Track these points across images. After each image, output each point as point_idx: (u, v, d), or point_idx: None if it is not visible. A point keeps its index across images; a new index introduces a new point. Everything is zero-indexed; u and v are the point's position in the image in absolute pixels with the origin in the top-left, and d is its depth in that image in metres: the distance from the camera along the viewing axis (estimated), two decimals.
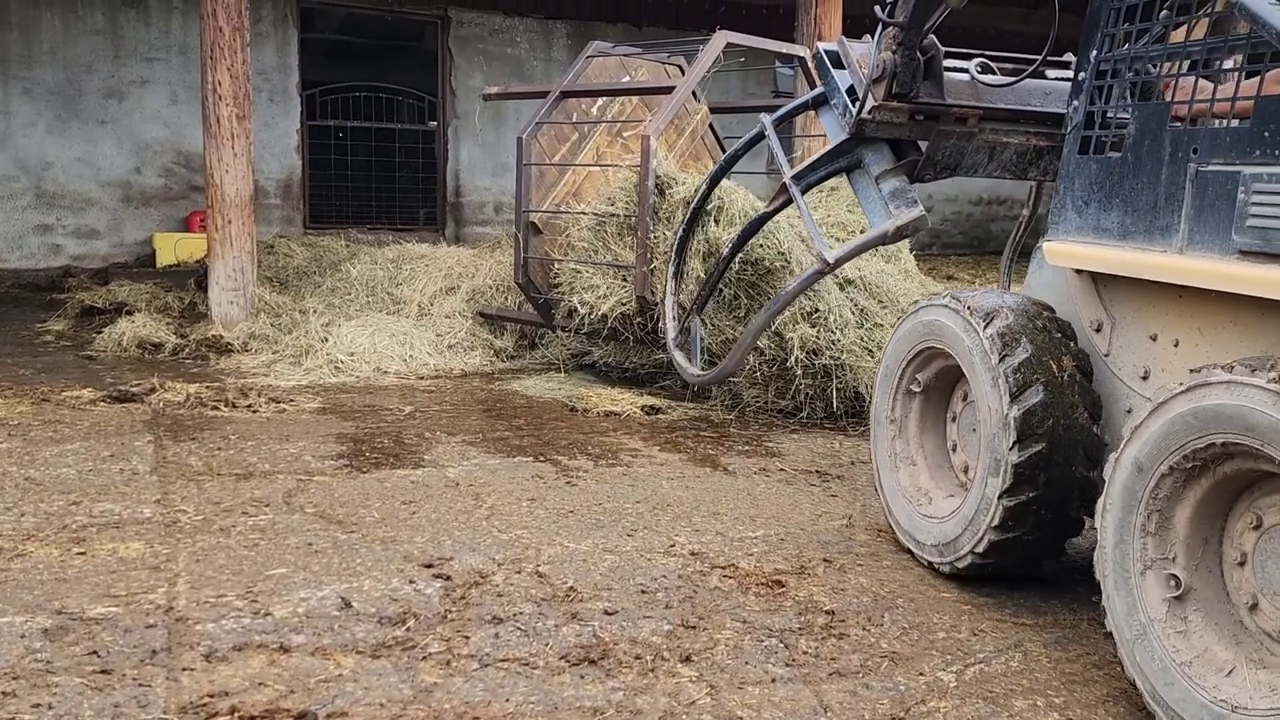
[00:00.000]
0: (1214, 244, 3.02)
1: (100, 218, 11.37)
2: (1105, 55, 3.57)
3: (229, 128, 7.81)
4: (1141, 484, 2.87)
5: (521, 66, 12.92)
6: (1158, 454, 2.83)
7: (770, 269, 6.42)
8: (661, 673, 3.04)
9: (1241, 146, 2.98)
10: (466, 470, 5.00)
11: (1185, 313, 3.30)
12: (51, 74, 11.00)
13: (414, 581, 3.61)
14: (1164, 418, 2.82)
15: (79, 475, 4.64)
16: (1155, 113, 3.33)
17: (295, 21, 11.90)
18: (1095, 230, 3.53)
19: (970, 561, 3.70)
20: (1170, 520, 2.87)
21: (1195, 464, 2.77)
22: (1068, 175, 3.70)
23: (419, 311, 8.10)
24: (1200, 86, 3.22)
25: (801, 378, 6.25)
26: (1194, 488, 2.82)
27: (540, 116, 7.57)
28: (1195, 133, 3.15)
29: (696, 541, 4.15)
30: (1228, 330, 3.15)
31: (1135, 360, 3.53)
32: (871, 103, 4.58)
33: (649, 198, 6.58)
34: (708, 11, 13.04)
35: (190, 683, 2.86)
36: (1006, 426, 3.50)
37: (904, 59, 4.47)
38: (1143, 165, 3.33)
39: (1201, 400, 2.71)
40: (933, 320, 3.96)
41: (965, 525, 3.70)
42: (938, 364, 4.07)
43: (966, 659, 3.24)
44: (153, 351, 7.53)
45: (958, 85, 4.60)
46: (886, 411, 4.29)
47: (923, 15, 4.36)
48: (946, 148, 4.72)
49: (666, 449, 5.57)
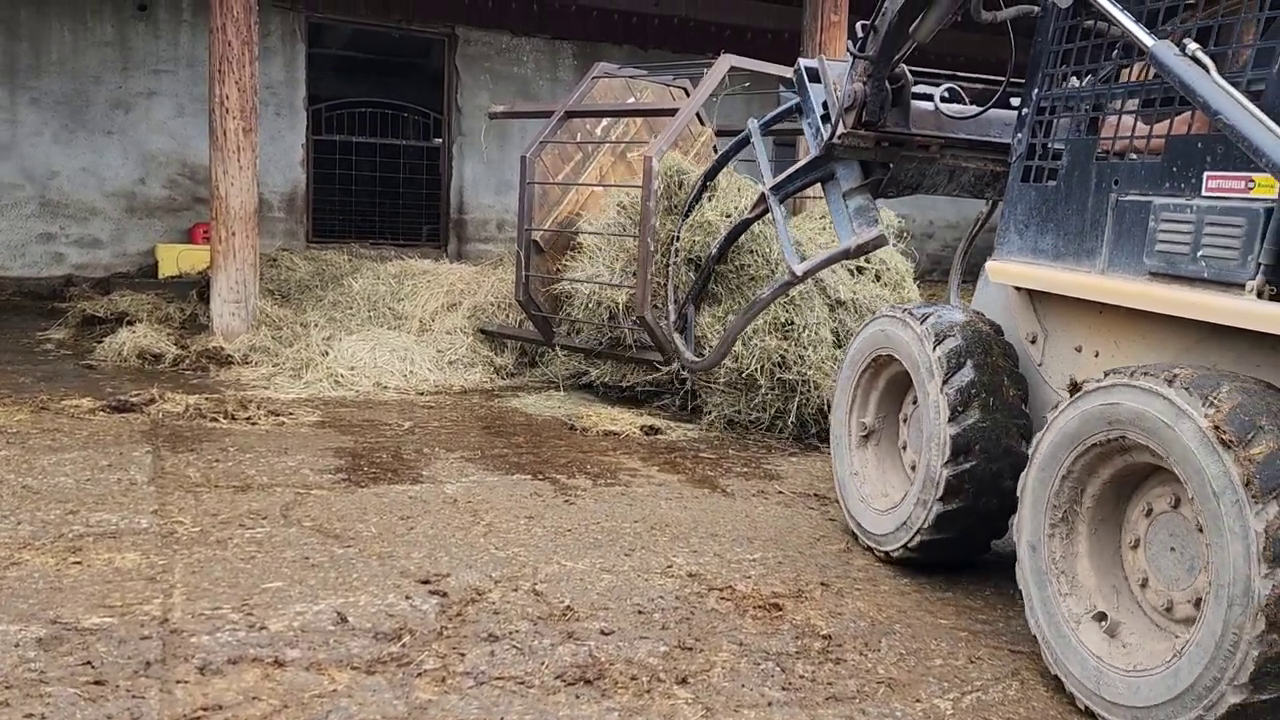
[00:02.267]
0: (1129, 266, 3.40)
1: (104, 227, 11.39)
2: (1045, 93, 3.90)
3: (235, 141, 7.84)
4: (1056, 465, 3.22)
5: (527, 86, 12.99)
6: (1070, 442, 3.17)
7: (754, 276, 6.54)
8: (657, 694, 3.02)
9: (1154, 180, 3.34)
10: (465, 487, 4.99)
11: (1105, 327, 3.65)
12: (59, 84, 11.05)
13: (410, 597, 3.60)
14: (1076, 411, 3.15)
15: (76, 484, 4.63)
16: (1084, 147, 3.69)
17: (303, 36, 11.98)
18: (1033, 251, 3.88)
19: (902, 555, 4.15)
20: (1078, 498, 3.22)
21: (1099, 454, 3.11)
22: (1011, 201, 4.06)
23: (420, 327, 8.10)
24: (1124, 124, 3.54)
25: (767, 389, 6.31)
26: (1097, 477, 3.17)
27: (544, 136, 7.61)
28: (1117, 166, 3.51)
29: (694, 562, 4.14)
30: (1139, 343, 3.50)
31: (1063, 369, 3.85)
32: (841, 129, 4.97)
33: (650, 218, 6.61)
34: (713, 35, 13.12)
35: (184, 695, 2.84)
36: (942, 441, 3.90)
37: (873, 90, 4.84)
38: (1073, 194, 3.69)
39: (1107, 399, 3.04)
40: (886, 330, 4.38)
41: (902, 522, 4.13)
42: (891, 369, 4.44)
43: (964, 687, 3.22)
44: (153, 362, 7.53)
45: (923, 114, 5.01)
46: (846, 400, 4.67)
47: (890, 50, 4.70)
48: (910, 169, 5.15)
49: (665, 469, 5.56)
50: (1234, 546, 2.62)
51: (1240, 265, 2.99)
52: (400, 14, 12.25)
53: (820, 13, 9.53)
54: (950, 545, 4.06)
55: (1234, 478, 2.64)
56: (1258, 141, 2.86)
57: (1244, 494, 2.61)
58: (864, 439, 4.62)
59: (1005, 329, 4.15)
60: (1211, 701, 2.64)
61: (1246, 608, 2.58)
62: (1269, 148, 2.83)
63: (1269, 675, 2.57)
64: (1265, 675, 2.57)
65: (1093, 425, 3.10)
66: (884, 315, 4.45)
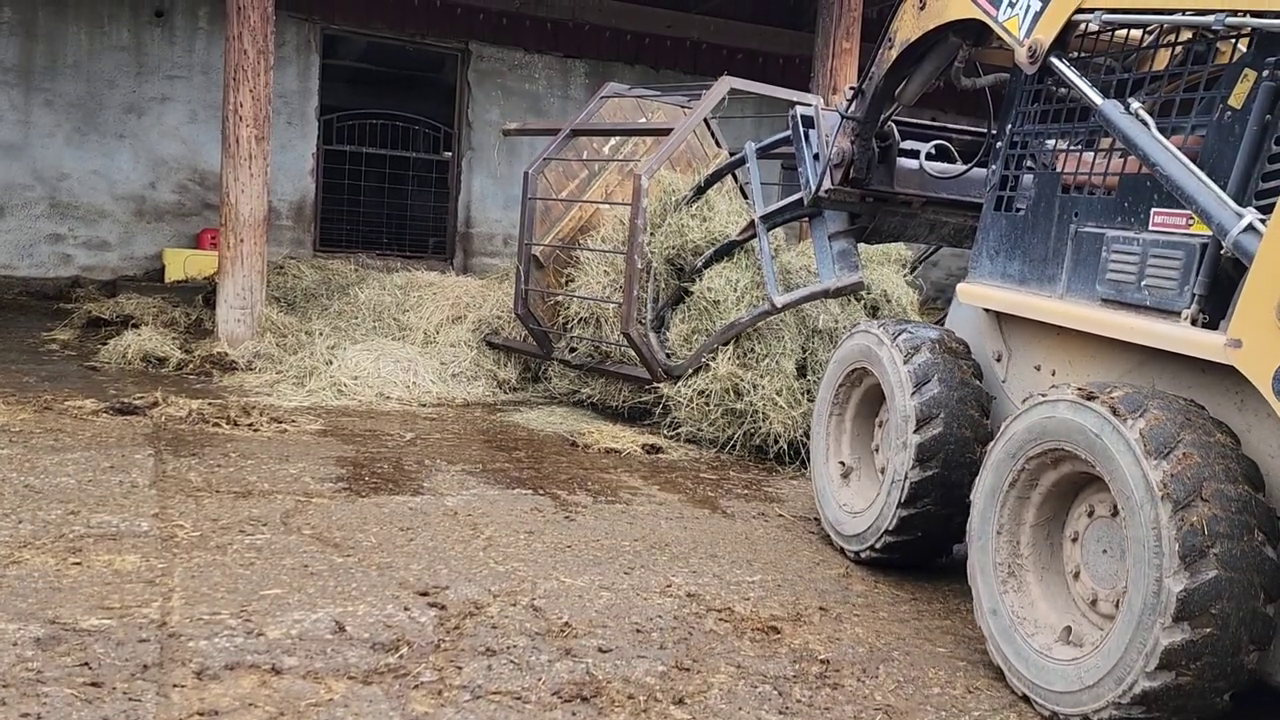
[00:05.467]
0: (1084, 292, 3.66)
1: (112, 230, 11.42)
2: (1018, 130, 4.17)
3: (248, 148, 7.88)
4: (1007, 469, 3.47)
5: (539, 103, 13.04)
6: (1020, 449, 3.42)
7: (718, 301, 6.58)
8: (654, 714, 3.02)
9: (1108, 213, 3.62)
10: (465, 500, 4.99)
11: (1061, 348, 3.90)
12: (74, 86, 11.11)
13: (409, 609, 3.60)
14: (1022, 424, 3.42)
15: (78, 485, 4.63)
16: (1049, 180, 3.95)
17: (318, 47, 12.04)
18: (1002, 276, 4.15)
19: (871, 556, 4.43)
20: (1026, 497, 3.48)
21: (1043, 461, 3.38)
22: (984, 228, 4.32)
23: (424, 339, 8.12)
24: (1084, 161, 3.83)
25: (718, 413, 6.32)
26: (1042, 481, 3.43)
27: (549, 153, 7.66)
28: (1077, 199, 3.79)
29: (693, 583, 4.13)
30: (1090, 363, 3.75)
31: (1025, 386, 4.11)
32: (828, 184, 5.29)
33: (638, 236, 6.65)
34: (725, 59, 13.19)
35: (180, 699, 2.84)
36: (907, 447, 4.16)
37: (860, 149, 5.15)
38: (1039, 224, 3.96)
39: (1049, 413, 3.30)
40: (862, 344, 4.64)
41: (872, 521, 4.39)
42: (868, 380, 4.70)
43: (961, 716, 3.21)
44: (157, 365, 7.55)
45: (907, 173, 5.28)
46: (826, 409, 4.92)
47: (876, 112, 5.04)
48: (893, 221, 5.49)
49: (666, 489, 5.56)
50: (1150, 547, 2.86)
51: (1178, 294, 3.25)
52: (415, 28, 12.32)
53: (832, 39, 9.58)
54: (913, 546, 4.33)
55: (1153, 486, 2.88)
56: (1188, 189, 3.16)
57: (1160, 501, 2.85)
58: (841, 446, 4.90)
59: (973, 347, 4.41)
60: (1129, 685, 2.89)
61: (1159, 603, 2.82)
62: (1197, 194, 3.13)
63: (1176, 663, 2.81)
64: (1173, 663, 2.81)
65: (1035, 436, 3.36)
66: (860, 330, 4.72)
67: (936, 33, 4.57)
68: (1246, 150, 3.14)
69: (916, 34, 4.65)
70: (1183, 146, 3.32)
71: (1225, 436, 3.00)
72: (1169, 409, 3.02)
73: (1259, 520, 2.85)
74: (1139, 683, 2.86)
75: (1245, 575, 2.79)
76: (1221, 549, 2.78)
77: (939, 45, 4.67)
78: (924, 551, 4.40)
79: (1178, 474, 2.85)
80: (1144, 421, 2.97)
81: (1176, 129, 3.41)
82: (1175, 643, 2.78)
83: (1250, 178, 3.13)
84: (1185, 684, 2.83)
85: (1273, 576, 2.83)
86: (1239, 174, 3.14)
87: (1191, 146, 3.34)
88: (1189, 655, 2.79)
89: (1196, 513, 2.80)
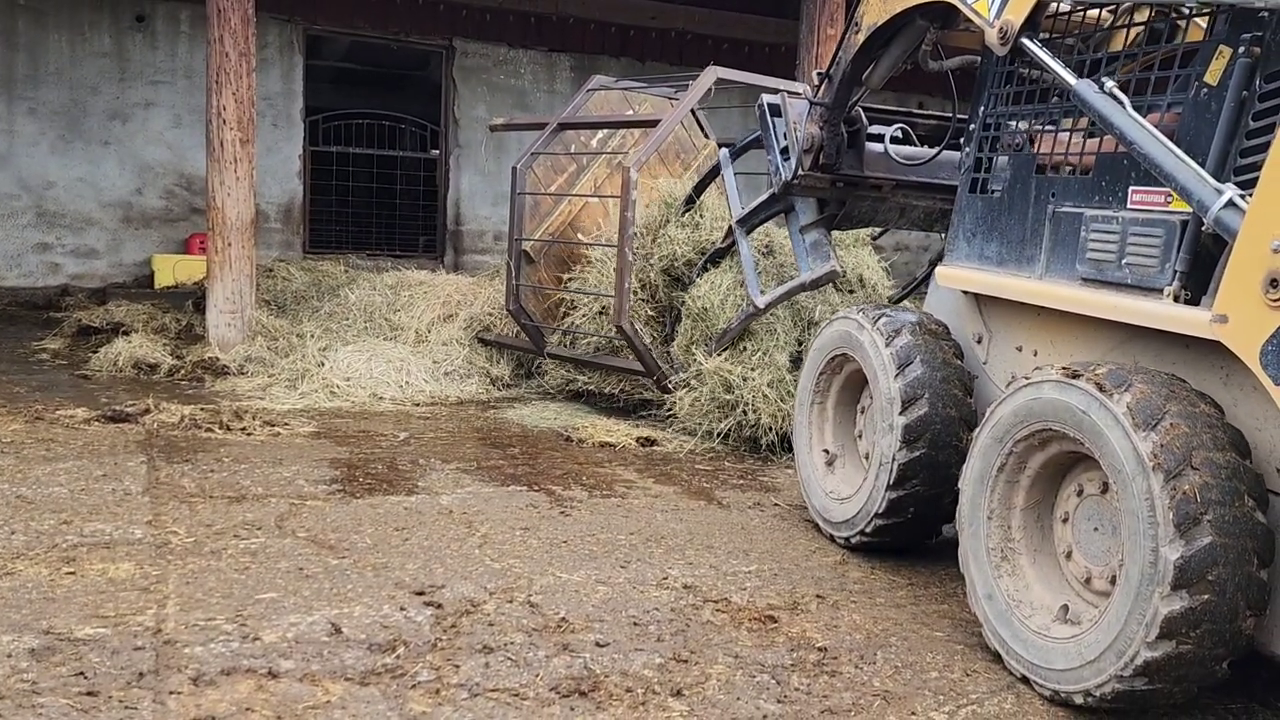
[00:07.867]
0: (1064, 272, 3.68)
1: (100, 238, 11.38)
2: (990, 111, 4.16)
3: (232, 152, 7.85)
4: (995, 453, 3.47)
5: (524, 98, 13.01)
6: (1007, 432, 3.43)
7: (706, 308, 6.57)
8: (652, 706, 3.02)
9: (1085, 193, 3.64)
10: (460, 498, 4.98)
11: (1042, 328, 3.91)
12: (56, 94, 11.05)
13: (405, 609, 3.59)
14: (1009, 406, 3.42)
15: (71, 494, 4.62)
16: (1025, 162, 3.95)
17: (301, 48, 11.99)
18: (979, 258, 4.15)
19: (861, 541, 4.44)
20: (1015, 481, 3.48)
21: (1031, 443, 3.38)
22: (960, 210, 4.31)
23: (416, 338, 8.10)
24: (1060, 141, 3.81)
25: (711, 405, 6.33)
26: (1031, 463, 3.44)
27: (536, 147, 7.64)
28: (1054, 180, 3.79)
29: (690, 575, 4.13)
30: (1071, 343, 3.76)
31: (1006, 367, 4.13)
32: (799, 170, 5.32)
33: (628, 228, 6.63)
34: (711, 49, 13.15)
35: (177, 706, 2.83)
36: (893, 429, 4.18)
37: (829, 134, 5.17)
38: (1015, 205, 3.96)
39: (1035, 394, 3.31)
40: (842, 330, 4.63)
41: (860, 506, 4.40)
42: (849, 367, 4.70)
43: (959, 700, 3.22)
44: (148, 372, 7.52)
45: (876, 157, 5.29)
46: (808, 398, 4.94)
47: (845, 97, 5.05)
48: (863, 207, 5.50)
49: (661, 481, 5.55)
50: (1144, 518, 2.87)
51: (1159, 272, 3.27)
52: (398, 26, 12.28)
53: (816, 26, 9.56)
54: (903, 529, 4.33)
55: (1143, 457, 2.90)
56: (1167, 167, 3.16)
57: (1151, 471, 2.87)
58: (824, 434, 4.91)
59: (953, 329, 4.40)
60: (1130, 656, 2.90)
61: (1156, 573, 2.83)
62: (1175, 171, 3.13)
63: (1176, 631, 2.82)
64: (1173, 632, 2.82)
65: (1022, 418, 3.36)
66: (840, 317, 4.70)
67: (903, 16, 4.56)
68: (1224, 127, 3.15)
69: (883, 17, 4.65)
70: (1159, 124, 3.33)
71: (1209, 406, 3.03)
72: (1153, 382, 3.05)
73: (1248, 486, 2.88)
74: (1140, 653, 2.87)
75: (1239, 541, 2.81)
76: (1215, 515, 2.80)
77: (906, 28, 4.66)
78: (914, 533, 4.41)
79: (1167, 444, 2.88)
80: (1130, 395, 3.00)
81: (1152, 107, 3.41)
82: (1175, 611, 2.80)
83: (1228, 154, 3.14)
84: (1186, 652, 2.84)
85: (1265, 541, 2.85)
86: (1217, 150, 3.15)
87: (1168, 124, 3.34)
88: (1189, 623, 2.80)
89: (1188, 481, 2.82)
